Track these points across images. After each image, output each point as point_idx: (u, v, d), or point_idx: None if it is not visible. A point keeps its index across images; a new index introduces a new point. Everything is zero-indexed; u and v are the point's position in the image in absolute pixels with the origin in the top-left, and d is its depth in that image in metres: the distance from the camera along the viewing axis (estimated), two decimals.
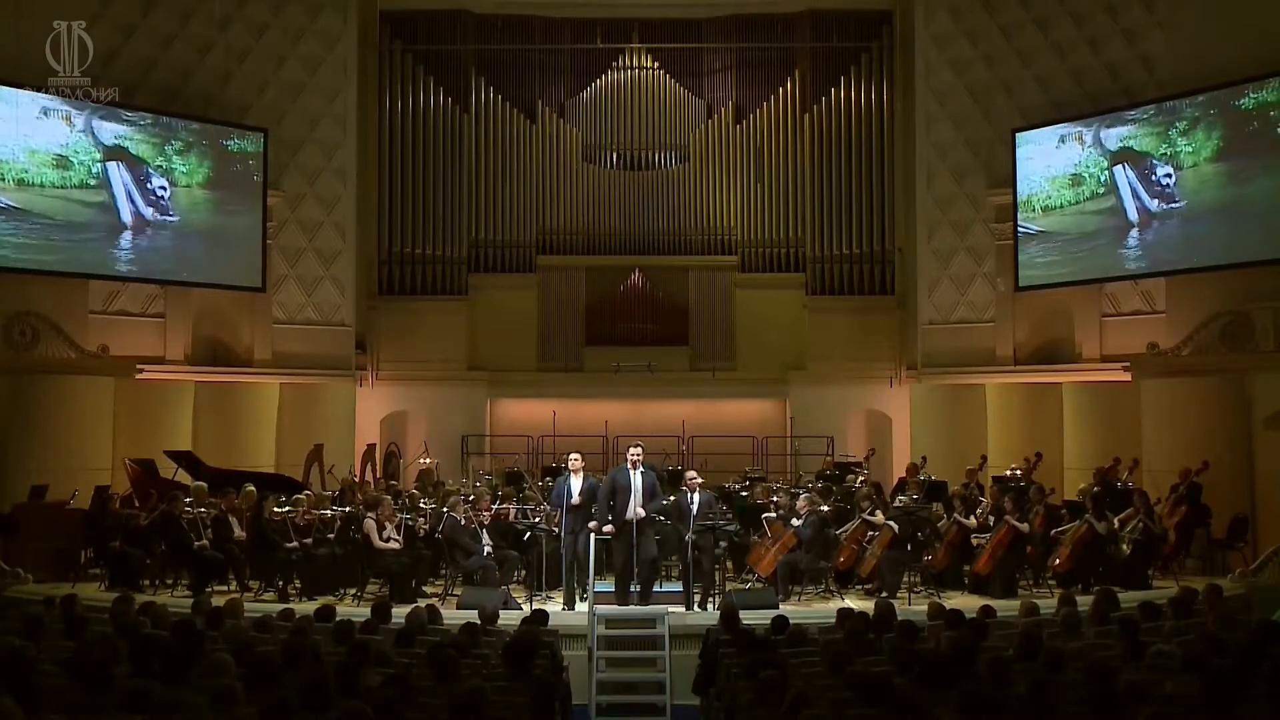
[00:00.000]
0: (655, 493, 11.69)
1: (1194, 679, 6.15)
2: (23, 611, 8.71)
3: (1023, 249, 17.00)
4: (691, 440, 17.80)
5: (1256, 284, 14.59)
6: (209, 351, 17.28)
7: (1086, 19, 16.80)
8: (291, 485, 14.47)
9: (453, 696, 5.90)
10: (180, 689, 6.04)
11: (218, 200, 16.77)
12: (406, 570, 11.95)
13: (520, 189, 19.47)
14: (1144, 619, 8.31)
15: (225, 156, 16.80)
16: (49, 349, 14.87)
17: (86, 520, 12.88)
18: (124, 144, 15.81)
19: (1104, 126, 16.30)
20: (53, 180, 15.17)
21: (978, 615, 8.61)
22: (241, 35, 17.38)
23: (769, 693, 6.35)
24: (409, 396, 19.02)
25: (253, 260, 17.10)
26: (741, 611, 9.32)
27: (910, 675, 6.66)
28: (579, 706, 9.70)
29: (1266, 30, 14.64)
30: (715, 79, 20.00)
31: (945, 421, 17.80)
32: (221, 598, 10.45)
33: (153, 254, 16.15)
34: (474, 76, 19.58)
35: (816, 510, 12.27)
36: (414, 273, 19.13)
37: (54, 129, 15.18)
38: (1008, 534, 12.09)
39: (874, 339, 19.08)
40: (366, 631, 8.27)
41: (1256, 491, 14.25)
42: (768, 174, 19.51)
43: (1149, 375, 15.36)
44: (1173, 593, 9.74)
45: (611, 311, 19.24)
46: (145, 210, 16.06)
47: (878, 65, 19.32)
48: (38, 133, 15.02)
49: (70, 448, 14.78)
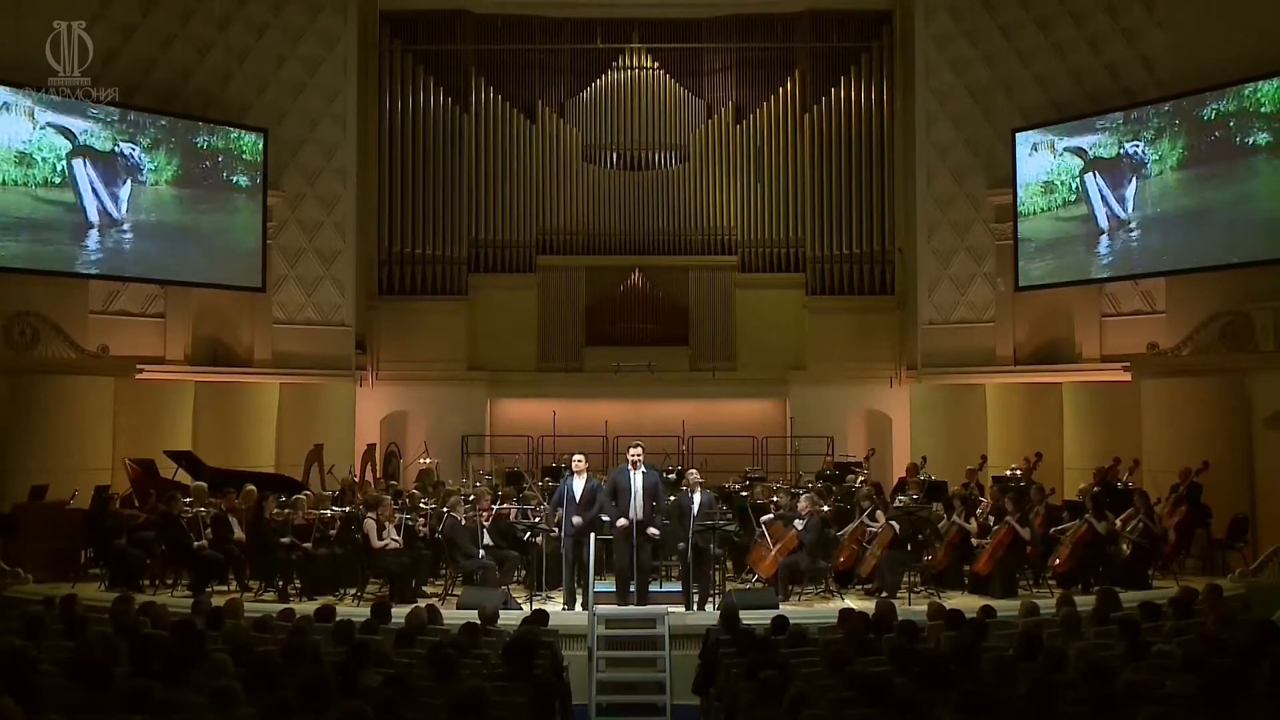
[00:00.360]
0: (657, 494, 11.67)
1: (1194, 679, 6.16)
2: (23, 611, 8.72)
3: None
4: (691, 440, 17.79)
5: (1256, 284, 14.59)
6: (209, 351, 17.28)
7: (1086, 19, 16.80)
8: (291, 485, 14.47)
9: (453, 696, 5.90)
10: (180, 689, 6.04)
11: (186, 198, 16.44)
12: (406, 570, 11.95)
13: (520, 189, 19.47)
14: (1144, 619, 8.31)
15: (194, 153, 16.51)
16: (49, 349, 14.87)
17: (86, 520, 12.87)
18: (90, 140, 15.50)
19: (1072, 134, 16.49)
20: (15, 178, 14.81)
21: (978, 615, 8.61)
22: (241, 35, 17.38)
23: (769, 693, 6.35)
24: (409, 396, 19.02)
25: (226, 256, 16.78)
26: (741, 611, 9.32)
27: (910, 675, 6.66)
28: (579, 706, 9.70)
29: (1267, 30, 14.64)
30: (715, 79, 20.00)
31: (945, 421, 17.80)
32: (221, 598, 10.44)
33: (120, 253, 15.81)
34: (474, 76, 19.57)
35: (817, 511, 12.27)
36: (414, 273, 19.13)
37: (15, 125, 14.81)
38: (1007, 534, 12.09)
39: (874, 339, 19.07)
40: (366, 631, 8.27)
41: (1256, 491, 14.24)
42: (768, 174, 19.51)
43: (1149, 375, 15.35)
44: (1173, 593, 9.74)
45: (611, 311, 19.23)
46: (111, 208, 15.73)
47: (878, 65, 19.31)
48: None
49: (70, 448, 14.77)
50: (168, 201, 16.30)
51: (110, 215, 15.76)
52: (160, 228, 16.21)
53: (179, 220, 16.39)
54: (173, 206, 16.35)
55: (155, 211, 16.18)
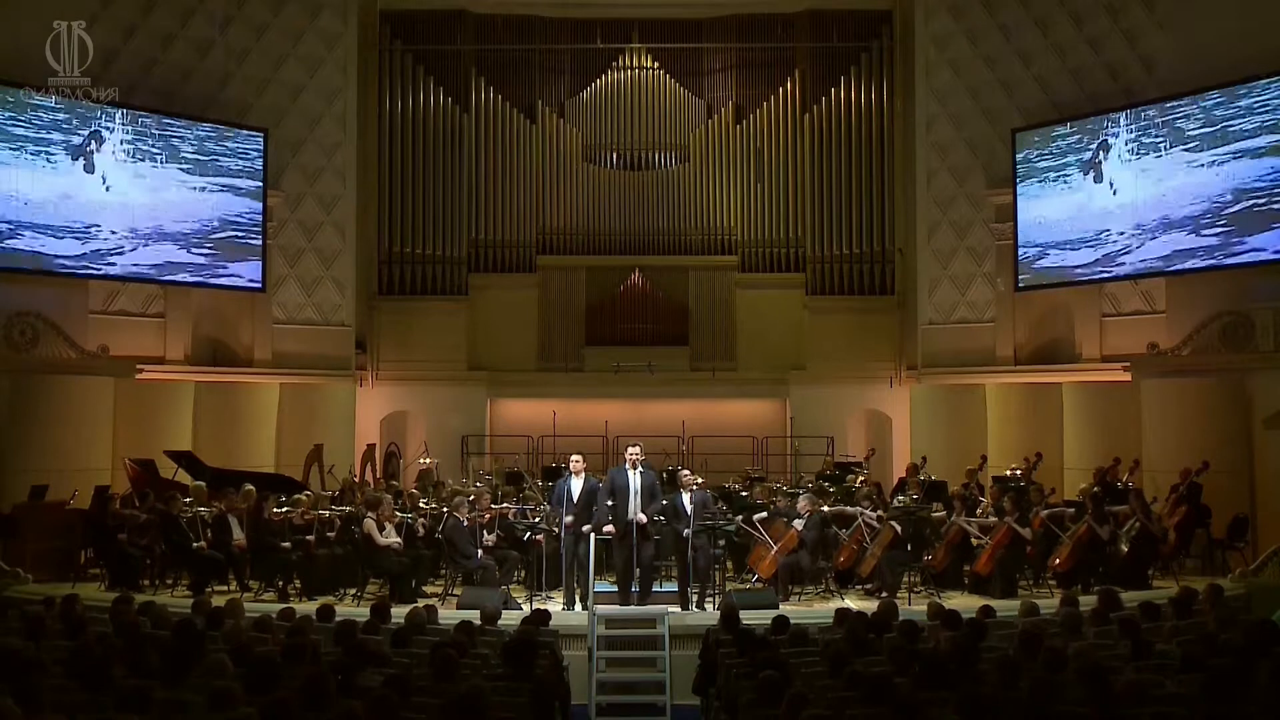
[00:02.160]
0: (655, 493, 11.67)
1: (1194, 679, 6.16)
2: (23, 611, 8.71)
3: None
4: (691, 440, 17.79)
5: (1256, 284, 14.61)
6: (209, 351, 17.28)
7: (1086, 19, 16.81)
8: (291, 485, 14.47)
9: (452, 696, 5.89)
10: (179, 689, 6.04)
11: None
12: (406, 570, 11.94)
13: (520, 189, 19.47)
14: (1144, 619, 8.31)
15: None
16: (49, 349, 14.86)
17: (86, 520, 12.87)
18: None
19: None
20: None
21: (978, 615, 8.61)
22: (241, 35, 17.39)
23: (769, 693, 6.34)
24: (409, 396, 19.02)
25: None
26: (741, 611, 9.32)
27: (910, 675, 6.66)
28: (579, 706, 9.69)
29: (1267, 31, 14.64)
30: (715, 79, 20.00)
31: (945, 421, 17.80)
32: (221, 598, 10.44)
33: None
34: (474, 76, 19.57)
35: (817, 510, 12.27)
36: (414, 273, 19.13)
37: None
38: (1007, 534, 12.09)
39: (874, 339, 19.08)
40: (367, 632, 8.27)
41: (1256, 491, 14.24)
42: (768, 174, 19.51)
43: (1149, 375, 15.35)
44: (1173, 593, 9.73)
45: (611, 311, 19.23)
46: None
47: (878, 65, 19.31)
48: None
49: (70, 448, 14.77)
50: (167, 201, 16.29)
51: (110, 215, 15.76)
52: (160, 227, 16.21)
53: (179, 219, 16.39)
54: (173, 206, 16.34)
55: (155, 211, 16.18)
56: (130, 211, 15.97)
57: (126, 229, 15.93)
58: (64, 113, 15.21)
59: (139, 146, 16.03)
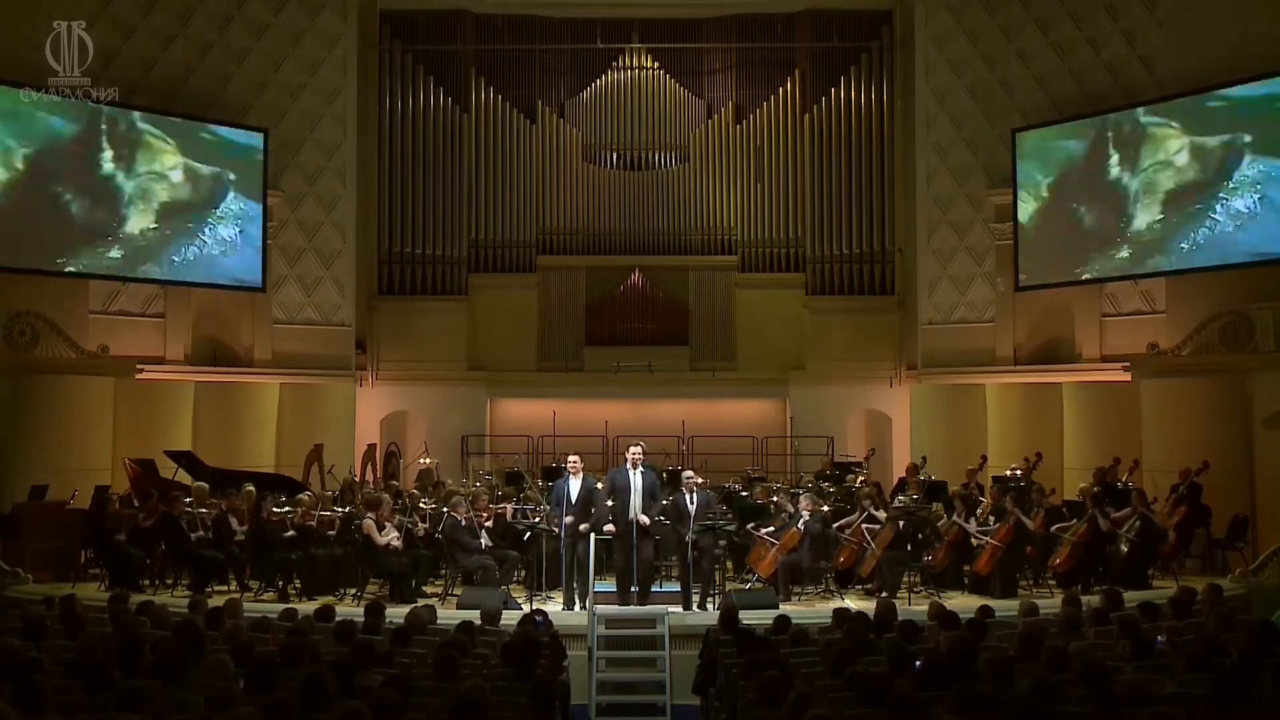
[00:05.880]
0: (655, 493, 11.67)
1: (1194, 679, 6.15)
2: (23, 611, 8.70)
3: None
4: (691, 440, 17.79)
5: (1256, 284, 14.59)
6: (209, 351, 17.28)
7: (1086, 19, 16.80)
8: (291, 485, 14.46)
9: (453, 696, 5.89)
10: (179, 689, 6.04)
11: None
12: (406, 570, 11.94)
13: (520, 189, 19.47)
14: (1144, 619, 8.30)
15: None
16: (49, 349, 14.86)
17: (86, 520, 12.86)
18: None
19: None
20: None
21: (977, 615, 8.61)
22: (241, 35, 17.39)
23: (769, 693, 6.34)
24: (409, 396, 19.02)
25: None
26: (742, 611, 9.32)
27: (910, 675, 6.65)
28: (579, 706, 9.69)
29: (1266, 30, 14.64)
30: (715, 79, 20.01)
31: (945, 421, 17.80)
32: (221, 598, 10.43)
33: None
34: (474, 76, 19.57)
35: (818, 510, 12.27)
36: (414, 273, 19.13)
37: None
38: (1008, 533, 12.08)
39: (874, 339, 19.08)
40: (367, 632, 8.26)
41: (1256, 491, 14.24)
42: (768, 174, 19.51)
43: (1149, 375, 15.35)
44: (1173, 593, 9.73)
45: (611, 311, 19.24)
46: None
47: (878, 65, 19.32)
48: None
49: (70, 448, 14.77)
50: (167, 200, 16.29)
51: (110, 215, 15.76)
52: (160, 227, 16.20)
53: (178, 219, 16.39)
54: (172, 205, 16.34)
55: (155, 211, 16.18)
56: (130, 211, 15.95)
57: (126, 229, 15.91)
58: (64, 113, 15.20)
59: (139, 146, 16.02)
